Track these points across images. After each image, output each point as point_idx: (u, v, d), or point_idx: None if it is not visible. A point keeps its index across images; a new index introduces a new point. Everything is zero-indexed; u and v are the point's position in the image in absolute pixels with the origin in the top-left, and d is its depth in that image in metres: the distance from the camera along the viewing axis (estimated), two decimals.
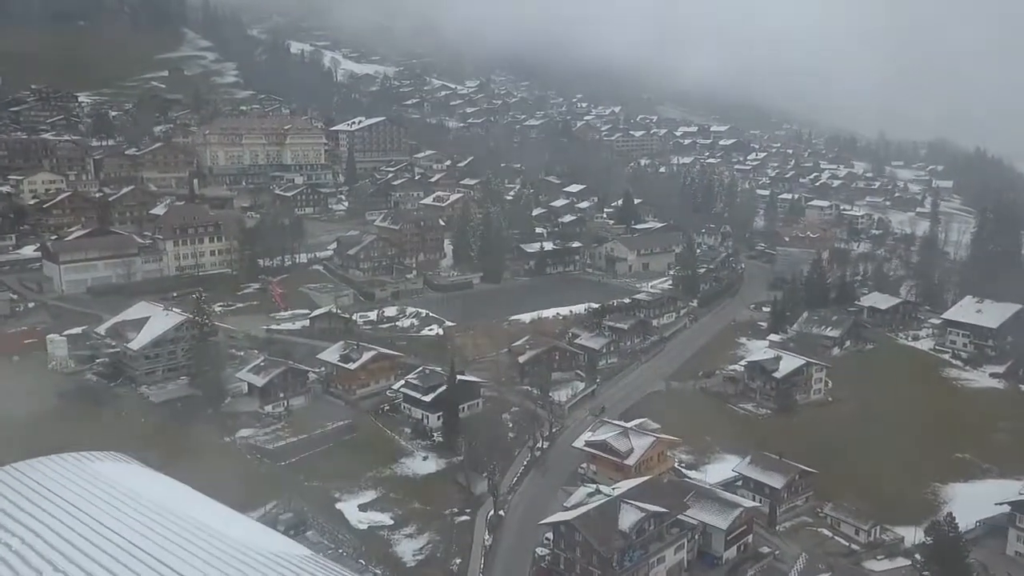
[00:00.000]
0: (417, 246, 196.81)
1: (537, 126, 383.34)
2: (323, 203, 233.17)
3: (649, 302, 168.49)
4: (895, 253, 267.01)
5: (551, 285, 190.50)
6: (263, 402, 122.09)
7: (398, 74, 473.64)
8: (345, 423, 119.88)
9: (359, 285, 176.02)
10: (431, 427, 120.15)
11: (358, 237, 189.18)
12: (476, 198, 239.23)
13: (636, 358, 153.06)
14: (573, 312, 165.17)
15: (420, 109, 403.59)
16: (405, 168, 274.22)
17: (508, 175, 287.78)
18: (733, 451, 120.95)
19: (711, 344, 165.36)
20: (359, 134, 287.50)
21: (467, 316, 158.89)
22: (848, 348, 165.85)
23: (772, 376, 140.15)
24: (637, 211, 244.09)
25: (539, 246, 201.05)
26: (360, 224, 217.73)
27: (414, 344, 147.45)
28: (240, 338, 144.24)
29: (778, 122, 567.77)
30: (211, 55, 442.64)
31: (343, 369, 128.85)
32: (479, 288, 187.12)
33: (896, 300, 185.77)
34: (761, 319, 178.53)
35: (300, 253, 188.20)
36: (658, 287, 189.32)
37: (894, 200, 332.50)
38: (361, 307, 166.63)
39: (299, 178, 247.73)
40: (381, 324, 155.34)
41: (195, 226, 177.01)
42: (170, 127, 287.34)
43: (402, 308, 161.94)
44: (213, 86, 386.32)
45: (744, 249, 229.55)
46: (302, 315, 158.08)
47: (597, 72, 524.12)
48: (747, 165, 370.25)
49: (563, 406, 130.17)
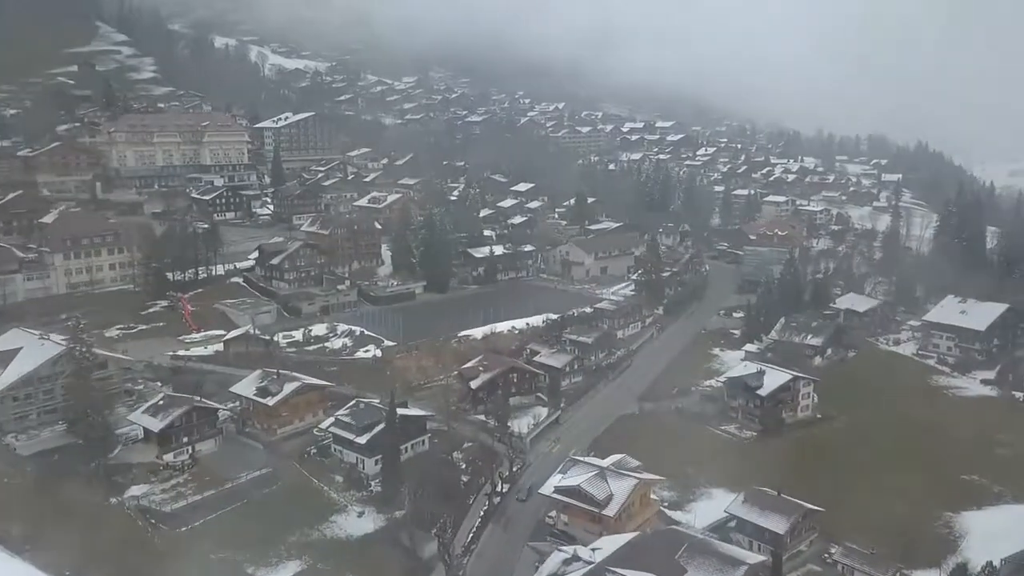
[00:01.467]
0: (350, 253, 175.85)
1: (479, 122, 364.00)
2: (246, 207, 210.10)
3: (612, 311, 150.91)
4: (856, 249, 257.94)
5: (503, 294, 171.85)
6: (162, 450, 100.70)
7: (330, 69, 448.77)
8: (263, 473, 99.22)
9: (283, 299, 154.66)
10: (368, 474, 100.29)
11: (283, 244, 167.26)
12: (417, 199, 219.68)
13: (603, 376, 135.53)
14: (530, 325, 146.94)
15: (354, 105, 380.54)
16: (337, 167, 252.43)
17: (451, 173, 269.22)
18: (720, 484, 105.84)
19: (682, 357, 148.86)
20: (285, 131, 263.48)
21: (409, 333, 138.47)
22: (829, 356, 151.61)
23: (756, 394, 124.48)
24: (591, 210, 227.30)
25: (488, 250, 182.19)
26: (286, 229, 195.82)
27: (347, 370, 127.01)
28: (139, 369, 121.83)
29: (718, 118, 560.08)
30: (127, 50, 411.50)
31: (261, 405, 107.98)
32: (422, 299, 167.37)
33: (874, 302, 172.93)
34: (733, 326, 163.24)
35: (217, 264, 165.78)
36: (620, 293, 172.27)
37: (849, 195, 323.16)
38: (286, 324, 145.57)
39: (219, 180, 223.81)
40: (308, 346, 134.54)
41: (91, 236, 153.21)
42: (75, 126, 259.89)
43: (332, 326, 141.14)
44: (128, 82, 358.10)
45: (705, 249, 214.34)
46: (217, 337, 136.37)
47: (537, 69, 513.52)
48: (697, 161, 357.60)
49: (524, 438, 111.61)
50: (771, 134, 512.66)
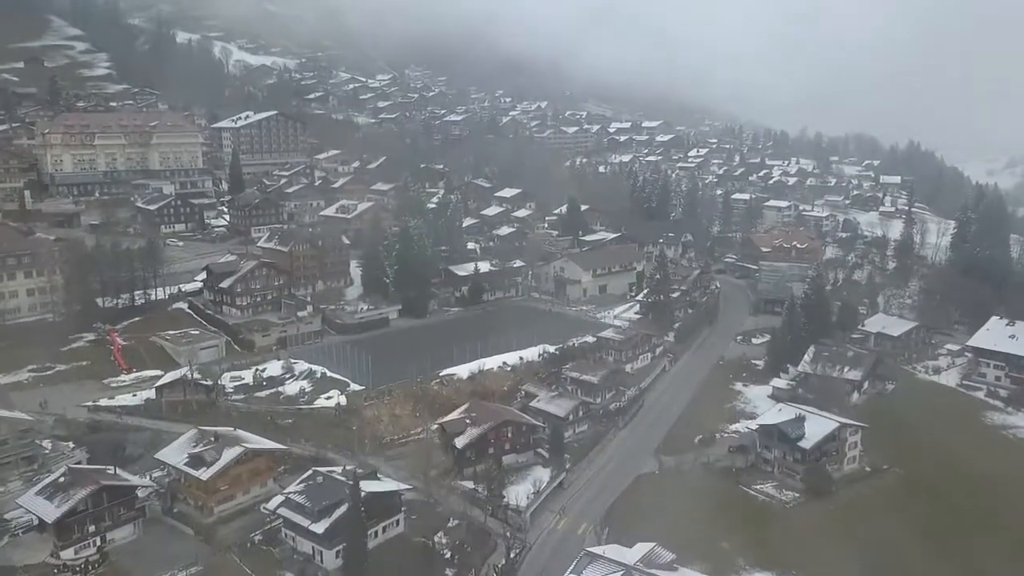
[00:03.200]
0: (314, 272, 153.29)
1: (459, 122, 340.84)
2: (198, 218, 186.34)
3: (620, 342, 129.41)
4: (867, 259, 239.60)
5: (490, 318, 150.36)
6: (61, 544, 78.01)
7: (300, 66, 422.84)
8: (190, 573, 76.85)
9: (234, 330, 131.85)
10: (327, 569, 78.34)
11: (234, 264, 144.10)
12: (391, 207, 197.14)
13: (612, 422, 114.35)
14: (524, 359, 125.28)
15: (325, 104, 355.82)
16: (303, 172, 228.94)
17: (429, 178, 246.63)
18: (766, 566, 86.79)
19: (701, 394, 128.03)
20: (245, 132, 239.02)
21: (381, 372, 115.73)
22: (867, 391, 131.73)
23: (797, 446, 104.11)
24: (584, 219, 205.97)
25: (473, 267, 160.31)
26: (242, 244, 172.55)
27: (305, 422, 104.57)
28: (47, 426, 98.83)
29: (700, 117, 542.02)
30: (81, 45, 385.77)
31: (194, 478, 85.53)
32: (397, 325, 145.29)
33: (909, 324, 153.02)
34: (755, 355, 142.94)
35: (158, 287, 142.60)
36: (623, 317, 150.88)
37: (853, 199, 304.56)
38: (237, 360, 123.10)
39: (169, 187, 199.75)
40: (259, 390, 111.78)
41: (1, 256, 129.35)
42: (14, 126, 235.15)
43: (288, 364, 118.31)
44: (79, 79, 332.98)
45: (711, 261, 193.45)
46: (150, 380, 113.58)
47: (517, 67, 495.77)
48: (690, 162, 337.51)
49: (523, 512, 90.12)
50: (755, 134, 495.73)
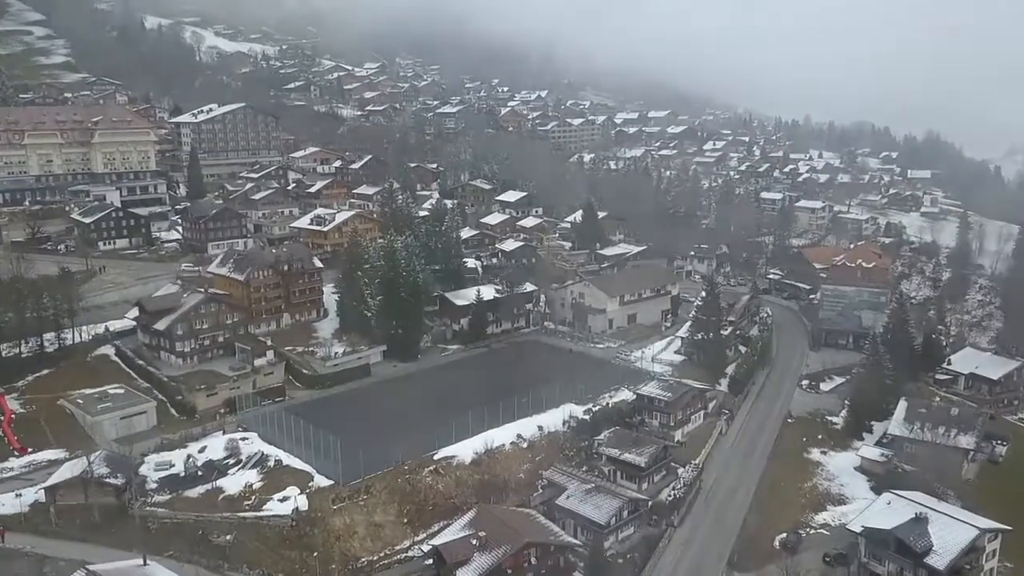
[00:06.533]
0: (277, 304, 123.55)
1: (454, 114, 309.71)
2: (144, 231, 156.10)
3: (668, 401, 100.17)
4: (915, 268, 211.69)
5: (498, 362, 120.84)
6: None
7: (280, 53, 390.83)
8: None
9: (171, 386, 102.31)
10: None
11: (176, 296, 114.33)
12: (376, 215, 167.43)
13: (665, 519, 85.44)
14: (544, 430, 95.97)
15: (306, 94, 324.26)
16: (274, 174, 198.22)
17: (421, 179, 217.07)
18: None
19: (772, 469, 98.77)
20: (207, 127, 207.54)
21: (356, 453, 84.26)
22: (976, 457, 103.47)
23: (924, 562, 75.86)
24: (601, 228, 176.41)
25: (475, 294, 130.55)
26: (198, 263, 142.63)
27: (248, 538, 74.74)
28: None
29: (701, 106, 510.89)
30: (40, 30, 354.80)
31: None
32: (381, 373, 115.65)
33: (1011, 363, 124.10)
34: (828, 406, 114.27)
35: (78, 326, 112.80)
36: (662, 359, 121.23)
37: (890, 198, 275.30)
38: (171, 429, 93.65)
39: (113, 193, 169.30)
40: (191, 487, 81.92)
41: None
42: None
43: (234, 444, 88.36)
44: (33, 68, 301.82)
45: (756, 282, 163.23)
46: (49, 465, 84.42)
47: (512, 55, 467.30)
48: (708, 157, 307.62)
49: None
50: (763, 124, 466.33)
